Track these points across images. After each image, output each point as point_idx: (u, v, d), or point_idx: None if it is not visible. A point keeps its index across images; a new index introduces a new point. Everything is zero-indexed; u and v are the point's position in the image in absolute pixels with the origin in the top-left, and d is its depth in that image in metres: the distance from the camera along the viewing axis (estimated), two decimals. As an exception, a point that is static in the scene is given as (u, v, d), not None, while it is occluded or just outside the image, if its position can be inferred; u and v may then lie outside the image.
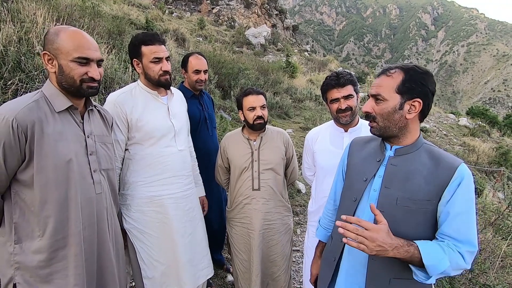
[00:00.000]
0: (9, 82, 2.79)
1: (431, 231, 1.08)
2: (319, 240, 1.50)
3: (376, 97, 1.11)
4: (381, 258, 1.07)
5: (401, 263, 1.06)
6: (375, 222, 1.03)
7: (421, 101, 1.07)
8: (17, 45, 3.06)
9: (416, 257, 0.99)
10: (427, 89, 1.07)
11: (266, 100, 1.97)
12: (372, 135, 1.27)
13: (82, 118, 1.27)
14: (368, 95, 1.20)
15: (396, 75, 1.08)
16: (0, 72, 2.80)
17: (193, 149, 2.11)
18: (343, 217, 1.02)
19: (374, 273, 1.11)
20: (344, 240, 0.99)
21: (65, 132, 1.17)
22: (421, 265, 1.00)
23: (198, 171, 2.12)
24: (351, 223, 1.00)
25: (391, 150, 1.16)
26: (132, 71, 4.18)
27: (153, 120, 1.71)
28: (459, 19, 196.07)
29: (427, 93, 1.08)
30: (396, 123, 1.10)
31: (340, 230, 0.99)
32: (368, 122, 1.19)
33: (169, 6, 20.51)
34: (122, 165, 1.73)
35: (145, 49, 1.69)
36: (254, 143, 1.95)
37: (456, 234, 1.02)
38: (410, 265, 1.03)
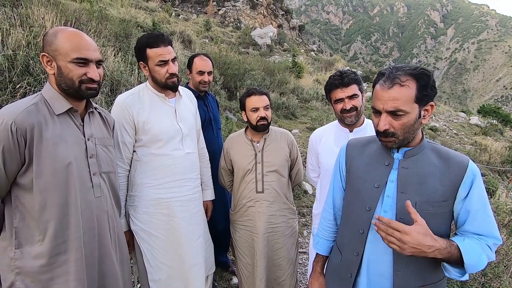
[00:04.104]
0: (18, 86, 2.84)
1: (448, 229, 1.07)
2: (317, 254, 1.38)
3: (395, 113, 1.01)
4: (407, 269, 1.05)
5: (427, 269, 1.05)
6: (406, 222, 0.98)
7: (434, 104, 1.05)
8: (25, 49, 3.11)
9: (456, 256, 0.97)
10: (436, 91, 1.06)
11: (270, 100, 1.94)
12: (368, 136, 1.25)
13: (83, 121, 1.26)
14: (374, 109, 1.09)
15: (411, 84, 0.99)
16: (9, 76, 2.84)
17: (206, 150, 2.06)
18: (377, 216, 1.00)
19: (400, 285, 1.07)
20: (382, 234, 0.98)
21: (64, 135, 1.16)
22: (457, 262, 0.98)
23: (210, 173, 2.07)
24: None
25: (398, 152, 1.11)
26: (139, 73, 4.20)
27: (160, 123, 1.69)
28: (469, 16, 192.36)
29: (436, 94, 1.06)
30: (414, 131, 1.06)
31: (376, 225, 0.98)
32: (379, 135, 1.11)
33: (175, 9, 20.68)
34: (130, 166, 1.72)
35: (150, 52, 1.66)
36: (258, 144, 1.92)
37: (480, 230, 1.03)
38: (444, 263, 1.00)
